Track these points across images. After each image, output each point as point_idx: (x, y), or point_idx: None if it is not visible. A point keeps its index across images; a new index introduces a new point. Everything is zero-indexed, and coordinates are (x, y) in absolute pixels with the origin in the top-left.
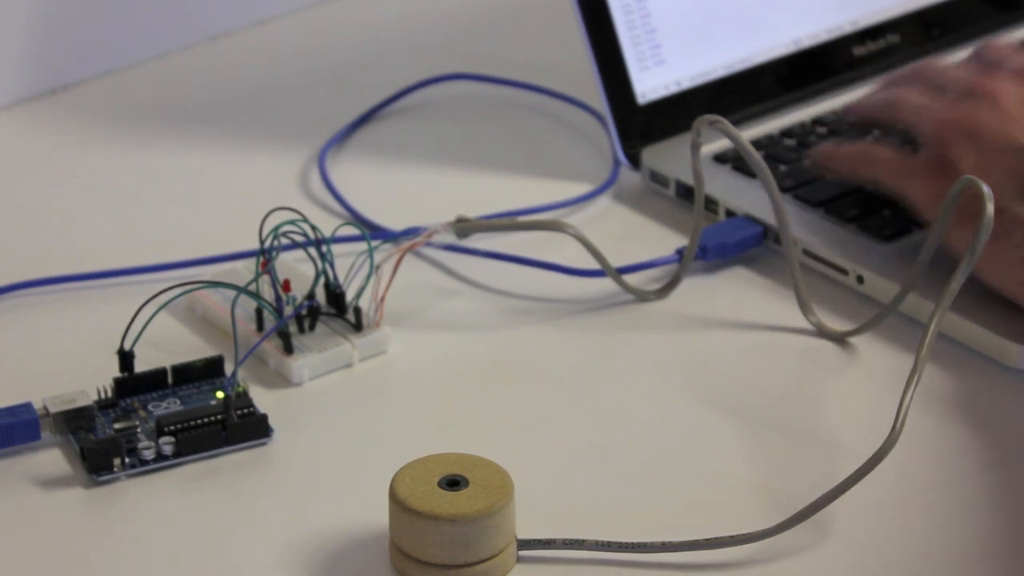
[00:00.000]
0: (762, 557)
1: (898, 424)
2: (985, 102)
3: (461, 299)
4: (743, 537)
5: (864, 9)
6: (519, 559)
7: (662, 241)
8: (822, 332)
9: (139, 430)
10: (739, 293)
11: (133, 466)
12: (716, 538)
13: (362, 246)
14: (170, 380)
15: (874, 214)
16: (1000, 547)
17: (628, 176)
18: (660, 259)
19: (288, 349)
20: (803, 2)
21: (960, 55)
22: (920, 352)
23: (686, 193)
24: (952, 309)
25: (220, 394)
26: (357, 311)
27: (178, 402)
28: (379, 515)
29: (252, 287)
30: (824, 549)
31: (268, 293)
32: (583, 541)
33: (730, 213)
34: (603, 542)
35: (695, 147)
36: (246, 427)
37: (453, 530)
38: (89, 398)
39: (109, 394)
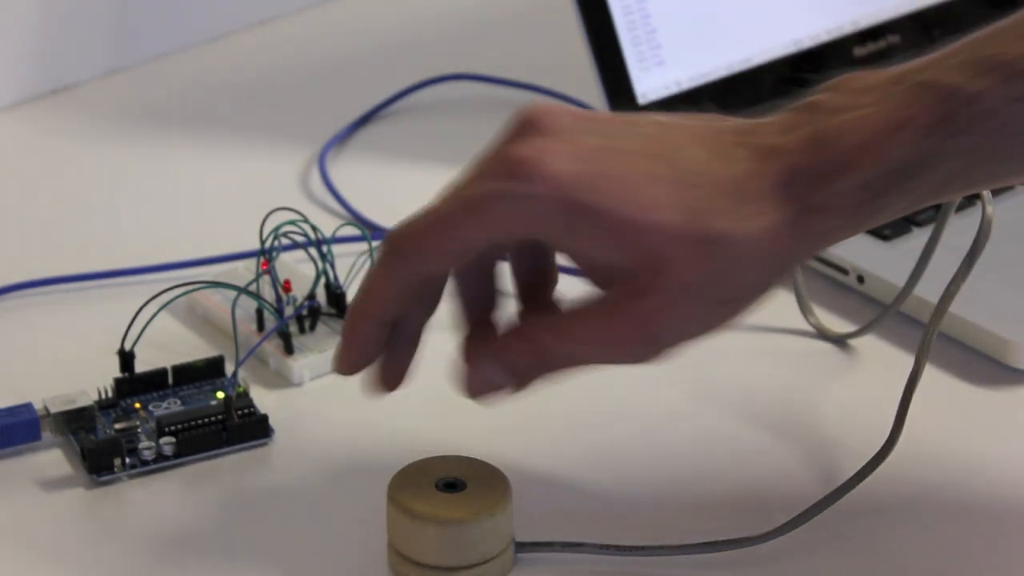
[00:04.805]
0: (763, 560)
1: (898, 425)
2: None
3: None
4: (743, 540)
5: (864, 9)
6: (517, 562)
7: None
8: (822, 334)
9: (139, 430)
10: None
11: (133, 466)
12: (716, 541)
13: (362, 246)
14: (170, 380)
15: None
16: (1000, 548)
17: None
18: None
19: (288, 349)
20: (803, 2)
21: None
22: (920, 352)
23: None
24: (952, 309)
25: (221, 394)
26: None
27: (179, 402)
28: (378, 517)
29: (252, 287)
30: (825, 552)
31: (268, 293)
32: (582, 544)
33: None
34: (602, 545)
35: None
36: (246, 427)
37: (450, 533)
38: (89, 398)
39: (109, 394)
